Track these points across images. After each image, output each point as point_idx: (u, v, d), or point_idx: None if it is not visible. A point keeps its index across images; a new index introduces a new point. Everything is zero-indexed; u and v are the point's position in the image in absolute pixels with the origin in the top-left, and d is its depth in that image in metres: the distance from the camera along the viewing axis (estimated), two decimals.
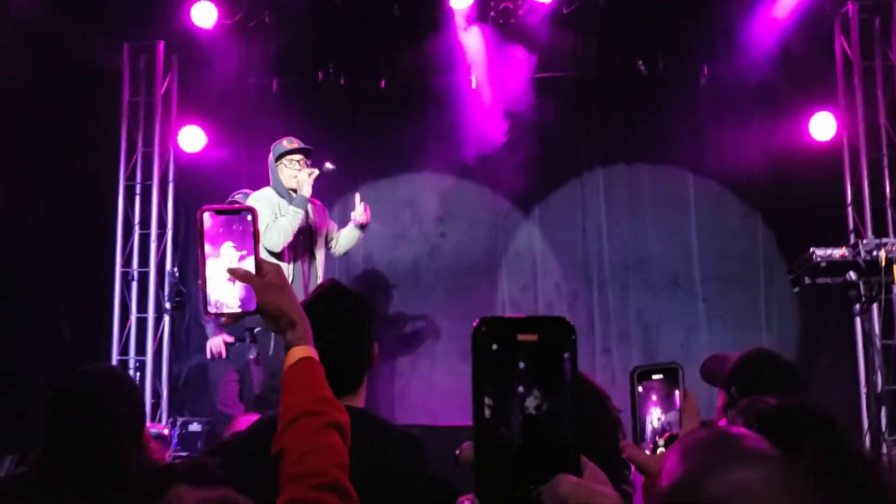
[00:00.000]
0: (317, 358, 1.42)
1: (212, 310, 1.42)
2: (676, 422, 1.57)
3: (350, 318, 2.13)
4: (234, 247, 1.40)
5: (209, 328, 5.71)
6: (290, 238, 4.87)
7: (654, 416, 1.57)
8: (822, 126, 6.71)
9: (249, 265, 1.40)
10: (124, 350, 6.88)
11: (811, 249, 5.34)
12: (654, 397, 1.58)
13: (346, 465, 1.33)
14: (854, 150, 6.59)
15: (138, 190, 7.10)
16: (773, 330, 6.95)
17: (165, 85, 7.20)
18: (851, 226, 6.52)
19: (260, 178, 7.49)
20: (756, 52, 6.92)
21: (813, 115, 6.73)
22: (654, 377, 1.59)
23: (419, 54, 7.33)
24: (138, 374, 6.85)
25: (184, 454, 5.94)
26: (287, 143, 5.29)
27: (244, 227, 1.40)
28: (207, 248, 1.40)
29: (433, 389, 6.78)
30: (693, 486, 0.98)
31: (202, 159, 7.21)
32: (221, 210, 1.40)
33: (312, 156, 5.45)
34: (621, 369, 6.87)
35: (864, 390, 6.10)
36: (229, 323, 1.55)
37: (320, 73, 7.24)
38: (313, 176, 5.08)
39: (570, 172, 7.38)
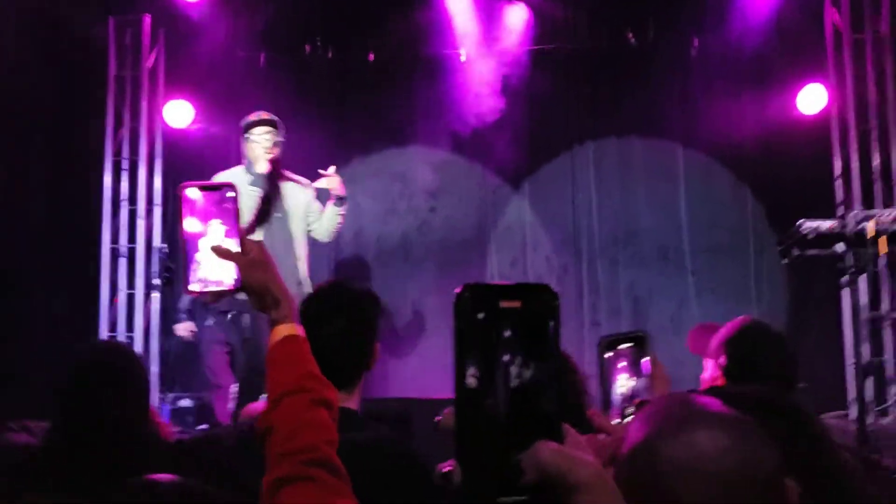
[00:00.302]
0: (303, 335, 1.41)
1: (195, 288, 1.41)
2: (646, 389, 1.58)
3: (360, 307, 2.14)
4: (222, 223, 1.38)
5: (180, 312, 5.73)
6: (248, 218, 4.72)
7: (623, 385, 1.57)
8: (812, 98, 6.71)
9: (233, 243, 1.39)
10: (113, 327, 6.86)
11: (799, 221, 5.36)
12: (621, 366, 1.58)
13: (335, 441, 1.32)
14: (843, 123, 6.57)
15: (125, 165, 7.04)
16: (763, 302, 6.98)
17: (152, 59, 7.11)
18: (840, 198, 6.53)
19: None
20: (746, 23, 6.90)
21: (803, 87, 6.72)
22: (622, 346, 1.59)
23: (408, 27, 7.28)
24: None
25: (177, 430, 5.95)
26: (253, 116, 5.15)
27: (227, 203, 1.39)
28: (196, 225, 1.38)
29: (423, 363, 6.79)
30: (650, 449, 0.99)
31: (190, 134, 7.16)
32: (203, 186, 1.39)
33: (295, 131, 5.38)
34: None
35: (850, 361, 6.14)
36: (212, 301, 1.55)
37: (308, 47, 7.19)
38: (272, 153, 4.97)
39: (560, 145, 7.37)
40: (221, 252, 1.37)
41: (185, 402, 6.20)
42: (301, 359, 1.38)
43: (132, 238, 6.97)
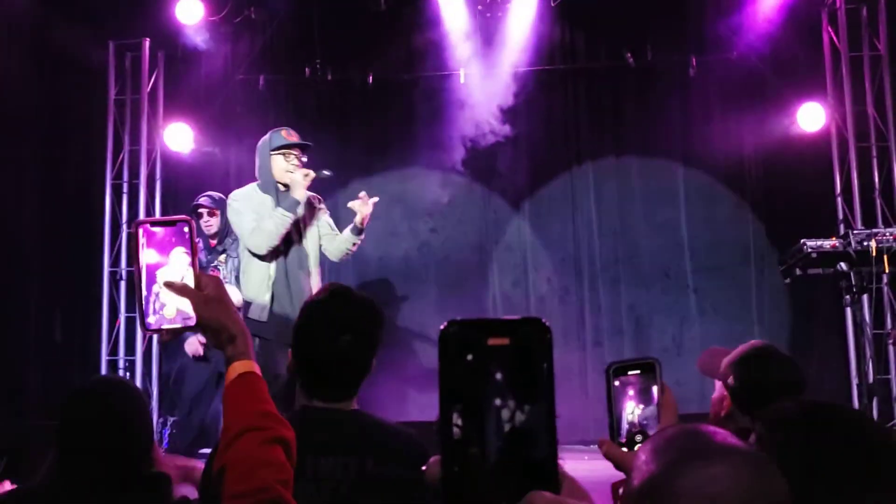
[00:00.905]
0: (258, 372, 1.38)
1: (151, 325, 1.38)
2: (654, 417, 1.55)
3: (365, 321, 2.13)
4: (173, 258, 1.37)
5: None
6: (276, 243, 4.49)
7: (631, 412, 1.54)
8: (811, 117, 6.72)
9: (189, 278, 1.37)
10: (113, 350, 6.83)
11: (802, 241, 5.35)
12: (630, 392, 1.56)
13: (290, 482, 1.29)
14: (843, 141, 6.59)
15: (125, 188, 7.04)
16: (765, 321, 6.96)
17: (151, 82, 7.14)
18: (841, 216, 6.53)
19: (248, 176, 7.47)
20: (744, 42, 6.94)
21: (801, 105, 6.73)
22: (631, 372, 1.56)
23: (407, 49, 7.32)
24: (128, 373, 6.80)
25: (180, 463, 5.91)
26: (286, 134, 4.84)
27: (184, 238, 1.37)
28: (153, 258, 1.36)
29: (425, 385, 6.75)
30: (663, 483, 0.97)
31: (189, 157, 7.17)
32: (157, 222, 1.38)
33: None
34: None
35: (854, 380, 6.11)
36: (168, 339, 1.52)
37: (307, 69, 7.20)
38: (308, 179, 4.62)
39: (559, 166, 7.37)
40: (176, 288, 1.35)
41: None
42: (256, 397, 1.34)
43: (131, 261, 6.95)
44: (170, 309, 1.37)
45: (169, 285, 1.34)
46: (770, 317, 6.94)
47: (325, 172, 4.77)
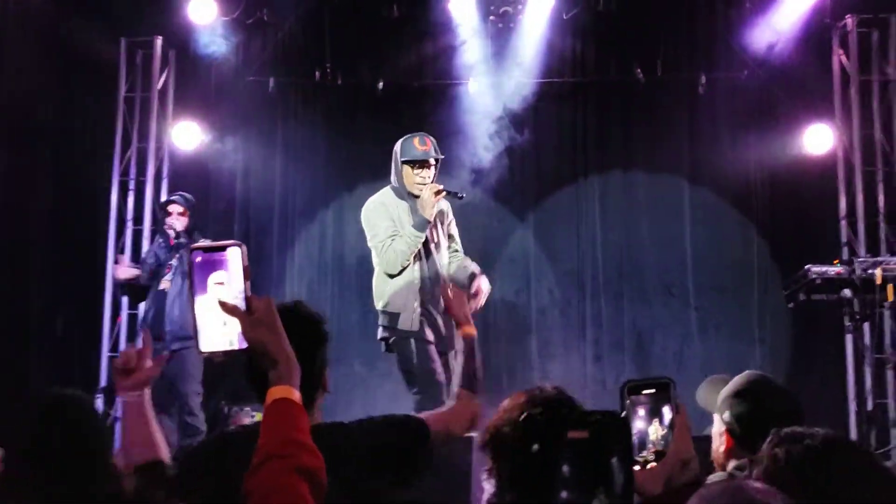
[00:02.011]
0: (294, 399, 1.38)
1: (204, 348, 1.41)
2: (668, 437, 1.55)
3: (300, 343, 2.13)
4: (224, 281, 1.40)
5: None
6: (408, 262, 4.37)
7: (644, 431, 1.54)
8: (818, 138, 6.72)
9: (240, 300, 1.39)
10: (114, 347, 6.83)
11: (807, 266, 5.35)
12: (643, 412, 1.56)
13: None
14: (849, 164, 6.60)
15: (132, 186, 7.05)
16: (767, 340, 6.95)
17: (162, 81, 7.16)
18: (845, 239, 6.53)
19: (255, 177, 7.48)
20: (754, 62, 6.94)
21: (809, 127, 6.74)
22: (646, 391, 1.56)
23: (417, 56, 7.32)
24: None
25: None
26: (418, 143, 4.57)
27: (234, 261, 1.40)
28: (197, 284, 1.40)
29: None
30: None
31: (197, 156, 7.18)
32: (209, 248, 1.41)
33: (302, 156, 5.30)
34: (612, 378, 6.87)
35: (853, 406, 6.11)
36: (223, 360, 1.54)
37: (317, 73, 7.22)
38: (438, 197, 4.44)
39: (565, 178, 7.38)
40: (227, 308, 1.38)
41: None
42: (288, 423, 1.35)
43: (136, 259, 6.96)
44: (223, 330, 1.40)
45: (221, 305, 1.37)
46: (772, 337, 6.93)
47: (460, 195, 4.60)
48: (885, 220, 6.41)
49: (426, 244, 4.45)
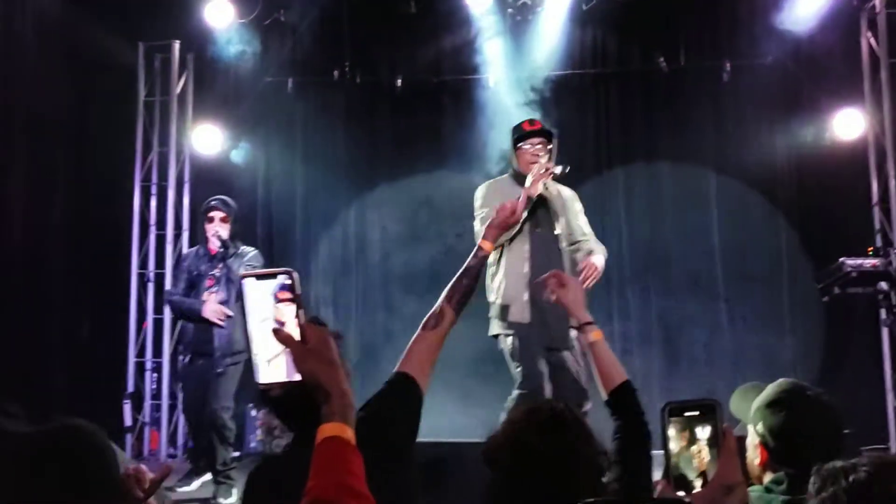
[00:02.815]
0: (349, 438, 1.29)
1: (261, 379, 1.36)
2: (714, 462, 1.47)
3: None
4: (278, 309, 1.35)
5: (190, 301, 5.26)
6: (506, 237, 4.19)
7: (688, 456, 1.46)
8: (848, 123, 6.57)
9: (294, 330, 1.34)
10: (141, 352, 6.85)
11: (841, 259, 5.21)
12: (688, 435, 1.48)
13: None
14: (880, 149, 6.44)
15: (154, 190, 7.06)
16: (798, 331, 6.81)
17: (181, 84, 7.16)
18: (878, 225, 6.38)
19: (276, 177, 7.47)
20: (779, 47, 6.79)
21: (838, 112, 6.58)
22: (689, 413, 1.48)
23: (436, 52, 7.26)
24: (155, 374, 6.83)
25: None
26: (526, 125, 4.56)
27: (285, 289, 1.35)
28: (254, 314, 1.36)
29: (449, 394, 6.69)
30: None
31: (218, 159, 7.17)
32: (261, 275, 1.36)
33: (322, 155, 5.16)
34: (642, 372, 6.75)
35: (891, 398, 5.97)
36: (279, 393, 1.51)
37: (336, 72, 7.18)
38: (545, 174, 4.27)
39: (589, 170, 7.27)
40: (281, 337, 1.32)
41: None
42: (340, 466, 1.26)
43: (160, 263, 6.98)
44: (279, 361, 1.35)
45: (276, 333, 1.32)
46: (803, 328, 6.79)
47: (565, 169, 4.38)
48: None
49: (538, 234, 4.32)
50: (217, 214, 5.19)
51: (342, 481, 1.24)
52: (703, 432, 1.45)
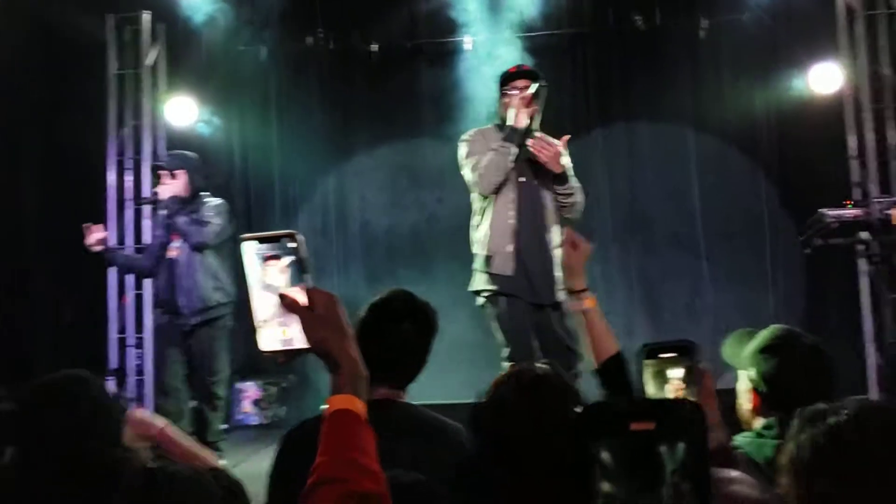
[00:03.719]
0: (360, 411, 1.22)
1: (264, 347, 1.29)
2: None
3: (423, 313, 2.29)
4: (282, 273, 1.27)
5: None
6: (499, 177, 4.12)
7: (664, 395, 1.46)
8: (825, 78, 6.56)
9: (299, 295, 1.26)
10: (122, 328, 6.80)
11: (821, 210, 5.24)
12: (664, 377, 1.48)
13: None
14: (857, 102, 6.43)
15: (129, 164, 6.96)
16: (779, 287, 6.87)
17: (153, 56, 7.02)
18: (856, 179, 6.40)
19: (253, 148, 7.40)
20: (755, 2, 6.77)
21: (815, 66, 6.58)
22: (665, 354, 1.47)
23: (411, 15, 7.18)
24: (138, 350, 6.78)
25: (190, 431, 5.89)
26: (514, 68, 4.39)
27: (289, 253, 1.27)
28: (252, 278, 1.28)
29: (438, 360, 6.70)
30: None
31: (193, 131, 7.08)
32: (263, 238, 1.28)
33: (298, 124, 5.10)
34: (624, 331, 6.80)
35: (871, 347, 6.04)
36: (284, 362, 1.48)
37: (309, 39, 7.08)
38: (523, 101, 4.15)
39: (568, 131, 7.17)
40: (287, 304, 1.25)
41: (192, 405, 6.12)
42: (351, 442, 1.20)
43: (138, 238, 6.89)
44: (285, 328, 1.28)
45: (281, 299, 1.25)
46: (784, 282, 6.85)
47: (541, 84, 4.24)
48: None
49: (524, 184, 4.20)
50: (165, 175, 5.04)
51: (352, 458, 1.18)
52: (679, 372, 1.45)
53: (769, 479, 1.46)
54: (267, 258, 1.27)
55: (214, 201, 5.08)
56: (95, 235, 5.08)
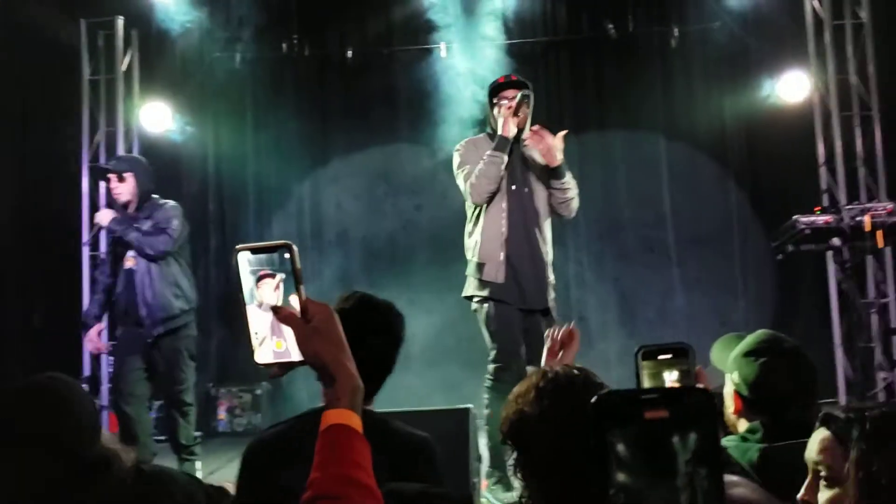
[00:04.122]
0: (356, 425, 1.20)
1: (259, 359, 1.26)
2: None
3: (390, 323, 2.23)
4: (275, 285, 1.25)
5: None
6: (491, 186, 4.13)
7: None
8: (794, 86, 6.68)
9: (294, 306, 1.24)
10: None
11: (794, 217, 5.32)
12: (660, 378, 1.50)
13: None
14: (825, 110, 6.56)
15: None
16: (749, 292, 6.97)
17: (126, 62, 6.99)
18: (825, 186, 6.51)
19: (228, 154, 7.38)
20: (726, 12, 6.87)
21: (784, 74, 6.69)
22: (661, 357, 1.50)
23: (386, 22, 7.20)
24: (110, 358, 6.73)
25: (161, 438, 5.86)
26: (503, 79, 4.41)
27: (284, 264, 1.24)
28: (246, 290, 1.26)
29: (412, 368, 6.71)
30: None
31: (167, 137, 7.05)
32: (257, 248, 1.25)
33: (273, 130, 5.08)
34: (599, 336, 6.86)
35: (839, 352, 6.15)
36: (278, 374, 1.45)
37: (284, 45, 7.09)
38: (511, 110, 4.15)
39: None
40: (281, 316, 1.22)
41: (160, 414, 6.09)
42: (344, 457, 1.17)
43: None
44: (279, 340, 1.25)
45: (275, 311, 1.23)
46: (755, 288, 6.95)
47: (525, 94, 4.22)
48: (864, 164, 6.39)
49: (515, 193, 4.22)
50: (111, 176, 4.83)
51: (348, 474, 1.16)
52: (674, 374, 1.47)
53: (753, 482, 1.49)
54: (261, 276, 1.25)
55: (168, 203, 4.88)
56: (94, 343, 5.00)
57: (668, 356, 1.45)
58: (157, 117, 6.93)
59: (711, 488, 0.73)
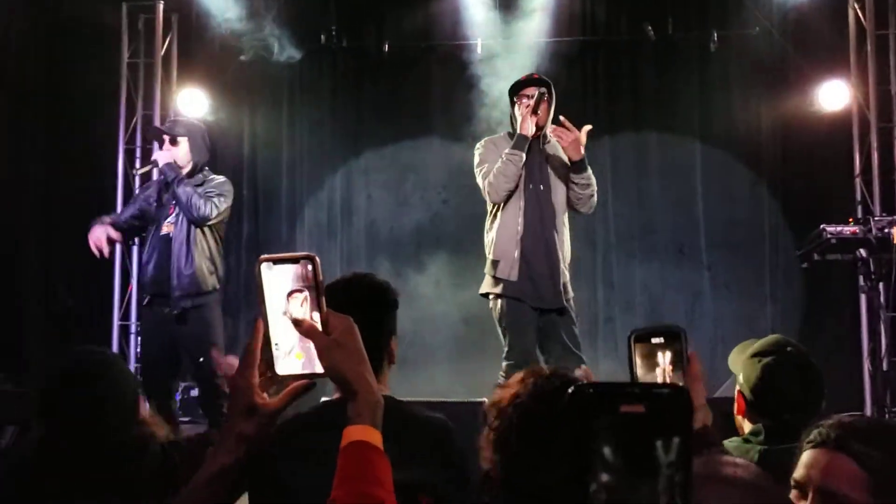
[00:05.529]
0: (377, 442, 1.19)
1: (280, 371, 1.26)
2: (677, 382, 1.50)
3: (370, 306, 2.03)
4: (298, 297, 1.25)
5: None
6: (509, 185, 4.16)
7: (653, 376, 1.50)
8: (833, 95, 6.61)
9: (316, 319, 1.24)
10: (125, 315, 6.84)
11: (821, 226, 5.28)
12: (653, 361, 1.52)
13: None
14: (864, 121, 6.49)
15: (138, 154, 6.99)
16: (778, 299, 6.91)
17: (165, 46, 7.06)
18: (859, 197, 6.45)
19: (262, 142, 7.43)
20: (766, 18, 6.81)
21: (824, 83, 6.62)
22: (654, 340, 1.51)
23: (424, 16, 7.20)
24: (140, 338, 6.82)
25: (186, 420, 5.94)
26: (523, 77, 4.44)
27: (307, 275, 1.24)
28: (269, 301, 1.25)
29: (435, 359, 6.74)
30: None
31: (203, 122, 7.09)
32: (279, 259, 1.25)
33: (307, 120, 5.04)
34: (624, 338, 6.84)
35: (867, 365, 6.09)
36: (299, 389, 1.46)
37: (322, 36, 7.11)
38: (529, 109, 4.19)
39: None
40: (303, 329, 1.22)
41: (196, 392, 6.15)
42: (368, 475, 1.16)
43: None
44: (299, 353, 1.25)
45: (296, 324, 1.23)
46: (784, 295, 6.90)
47: (541, 91, 4.26)
48: None
49: (532, 191, 4.25)
50: (165, 138, 4.67)
51: (368, 491, 1.15)
52: (667, 356, 1.49)
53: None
54: (291, 292, 1.24)
55: (219, 178, 4.71)
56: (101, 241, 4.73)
57: (661, 339, 1.46)
58: (194, 103, 6.99)
59: (685, 485, 0.73)
